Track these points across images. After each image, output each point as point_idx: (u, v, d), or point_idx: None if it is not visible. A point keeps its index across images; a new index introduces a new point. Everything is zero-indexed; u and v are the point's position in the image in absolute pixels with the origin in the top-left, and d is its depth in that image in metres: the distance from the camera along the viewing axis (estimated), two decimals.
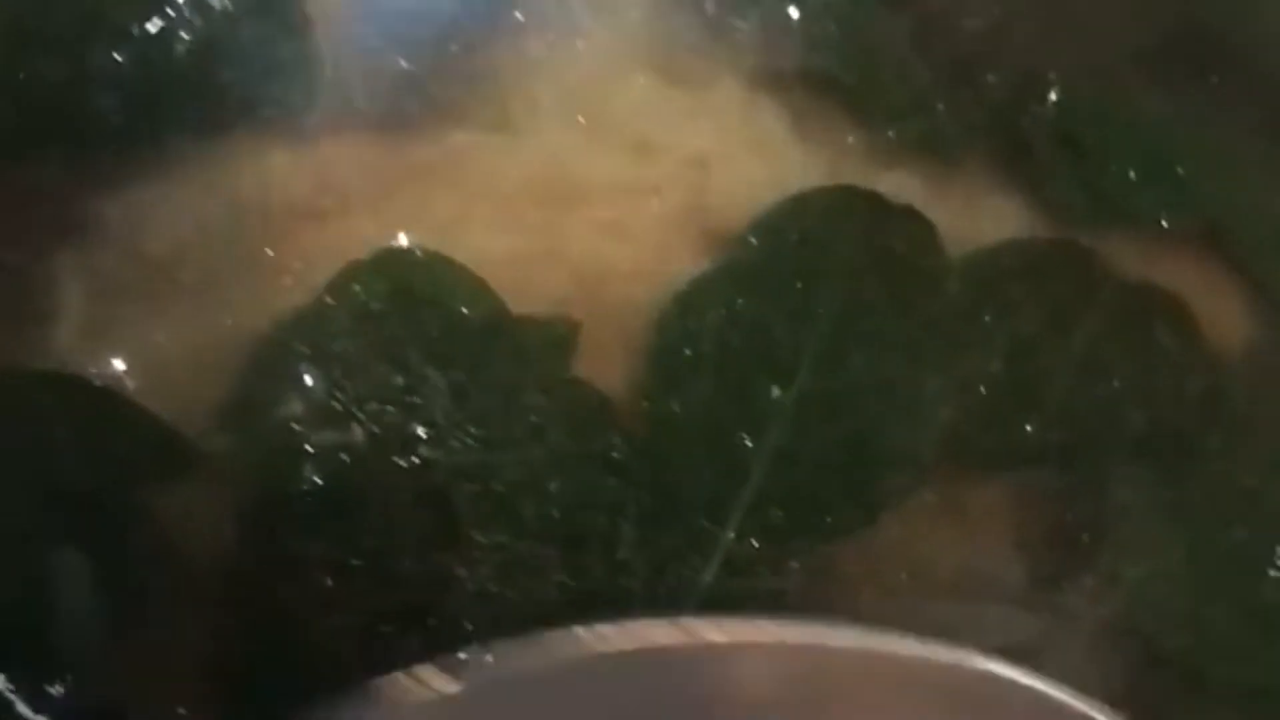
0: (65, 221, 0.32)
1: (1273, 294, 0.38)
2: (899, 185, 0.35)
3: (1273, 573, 0.36)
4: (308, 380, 0.31)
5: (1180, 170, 0.37)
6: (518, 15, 0.35)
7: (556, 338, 0.33)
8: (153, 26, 0.32)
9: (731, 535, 0.33)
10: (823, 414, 0.34)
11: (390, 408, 0.31)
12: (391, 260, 0.32)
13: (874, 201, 0.35)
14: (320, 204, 0.32)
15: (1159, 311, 0.36)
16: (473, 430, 0.32)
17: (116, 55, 0.32)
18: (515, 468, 0.32)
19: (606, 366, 0.33)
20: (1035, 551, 0.35)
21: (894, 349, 0.35)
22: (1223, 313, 0.37)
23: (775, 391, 0.34)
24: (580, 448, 0.32)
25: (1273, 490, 0.36)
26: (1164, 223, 0.37)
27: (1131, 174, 0.37)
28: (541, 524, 0.32)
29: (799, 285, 0.34)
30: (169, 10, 0.33)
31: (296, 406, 0.31)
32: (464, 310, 0.32)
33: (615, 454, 0.32)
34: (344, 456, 0.31)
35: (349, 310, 0.31)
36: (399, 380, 0.31)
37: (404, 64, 0.33)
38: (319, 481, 0.31)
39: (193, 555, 0.31)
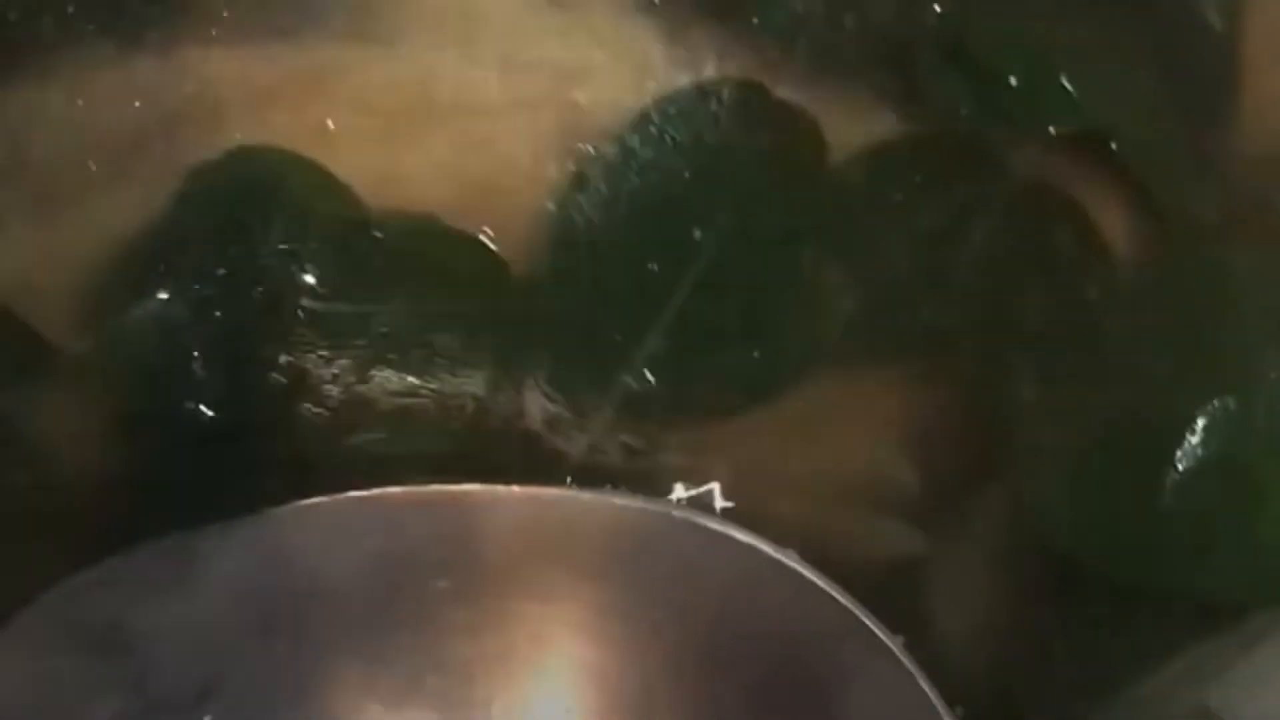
0: None
1: (1163, 206, 0.37)
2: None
3: (1173, 475, 0.35)
4: (166, 283, 0.31)
5: (1065, 80, 0.37)
6: None
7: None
8: None
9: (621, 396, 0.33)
10: (716, 293, 0.34)
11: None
12: (246, 158, 0.32)
13: (760, 93, 0.35)
14: (187, 112, 0.33)
15: (1053, 211, 0.36)
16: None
17: None
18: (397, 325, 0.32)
19: None
20: (935, 452, 0.35)
21: (787, 239, 0.35)
22: (1112, 224, 0.37)
23: (669, 269, 0.34)
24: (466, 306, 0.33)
25: (1170, 393, 0.36)
26: (1051, 130, 0.37)
27: (1014, 81, 0.37)
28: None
29: (687, 175, 0.34)
30: None
31: (156, 307, 0.31)
32: (323, 207, 0.32)
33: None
34: (208, 355, 0.31)
35: (204, 208, 0.32)
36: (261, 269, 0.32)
37: None
38: (182, 382, 0.31)
39: (50, 458, 0.31)
